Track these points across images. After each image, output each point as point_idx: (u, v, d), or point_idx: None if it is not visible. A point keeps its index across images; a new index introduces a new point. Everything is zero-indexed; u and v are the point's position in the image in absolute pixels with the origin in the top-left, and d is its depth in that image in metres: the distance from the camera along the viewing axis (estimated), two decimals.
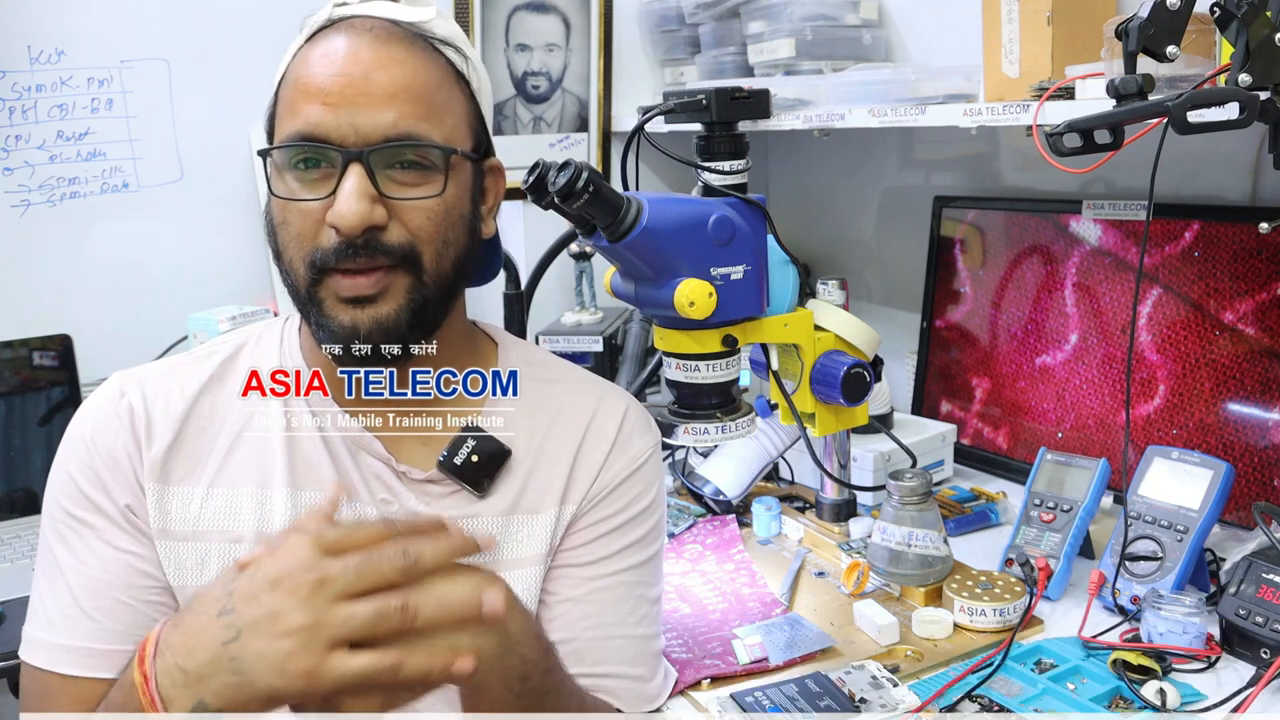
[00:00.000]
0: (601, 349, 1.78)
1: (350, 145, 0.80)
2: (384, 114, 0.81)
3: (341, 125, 0.80)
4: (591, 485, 0.93)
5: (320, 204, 0.81)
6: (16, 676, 0.86)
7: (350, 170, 0.80)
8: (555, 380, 0.97)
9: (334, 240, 0.81)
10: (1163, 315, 1.44)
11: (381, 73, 0.81)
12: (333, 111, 0.80)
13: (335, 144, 0.80)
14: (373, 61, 0.81)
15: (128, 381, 0.90)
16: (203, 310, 1.63)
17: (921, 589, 1.23)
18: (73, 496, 0.86)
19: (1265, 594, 1.05)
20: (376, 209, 0.80)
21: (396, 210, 0.82)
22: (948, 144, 1.83)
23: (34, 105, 1.66)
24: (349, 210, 0.79)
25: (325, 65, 0.81)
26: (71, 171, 1.70)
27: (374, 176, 0.81)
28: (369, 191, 0.80)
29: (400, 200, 0.82)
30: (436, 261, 0.84)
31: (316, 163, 0.82)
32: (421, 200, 0.83)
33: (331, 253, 0.81)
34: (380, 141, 0.81)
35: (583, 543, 0.93)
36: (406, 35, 0.84)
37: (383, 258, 0.81)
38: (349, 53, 0.81)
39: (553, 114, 2.05)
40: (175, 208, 1.78)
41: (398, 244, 0.82)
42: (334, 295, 0.82)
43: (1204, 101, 0.89)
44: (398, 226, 0.82)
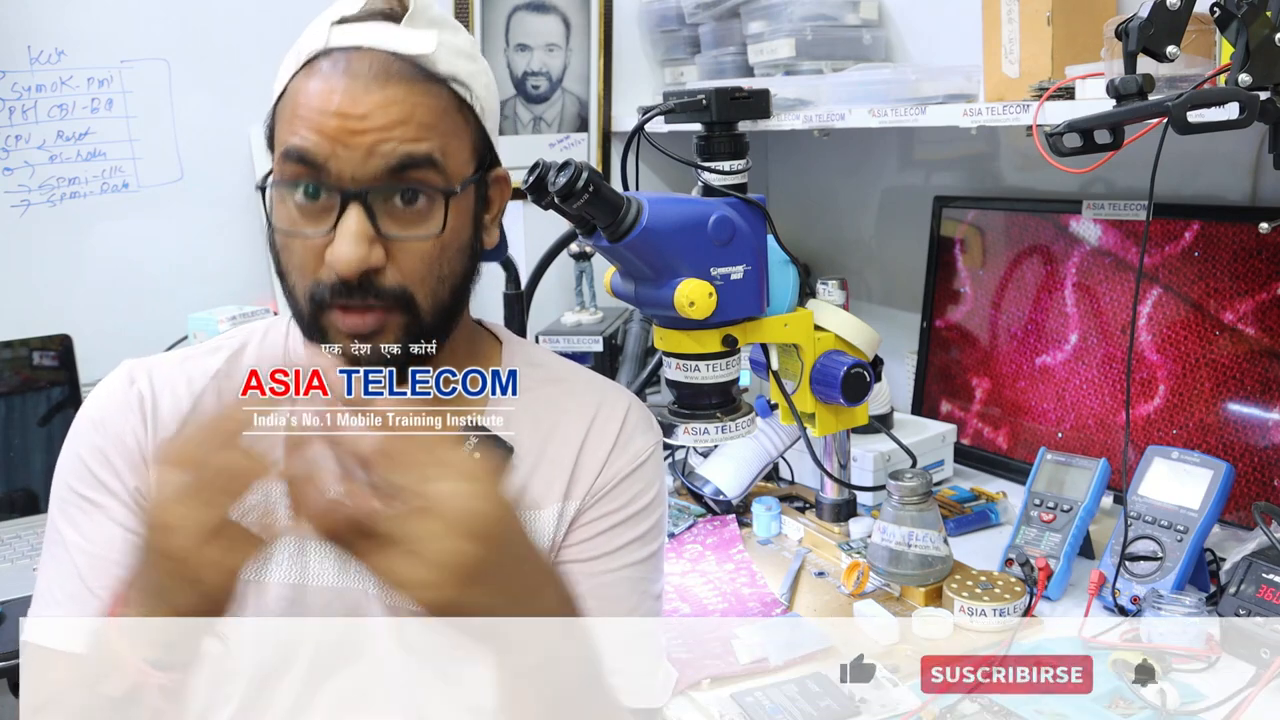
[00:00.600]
0: (601, 349, 1.78)
1: (348, 184, 0.81)
2: (382, 152, 0.81)
3: (339, 164, 0.80)
4: (594, 481, 0.94)
5: (321, 239, 0.82)
6: (16, 676, 0.86)
7: (349, 210, 0.80)
8: (558, 380, 0.98)
9: (332, 278, 0.82)
10: (1163, 315, 1.44)
11: (380, 113, 0.81)
12: (330, 148, 0.80)
13: (333, 181, 0.81)
14: (371, 103, 0.81)
15: (136, 370, 0.91)
16: (203, 310, 1.63)
17: (921, 589, 1.23)
18: (81, 477, 0.87)
19: (1265, 594, 1.05)
20: (375, 251, 0.81)
21: (394, 251, 0.83)
22: (948, 144, 1.83)
23: (34, 105, 1.66)
24: (347, 254, 0.80)
25: (322, 102, 0.81)
26: (71, 171, 1.70)
27: (373, 215, 0.81)
28: (368, 233, 0.81)
29: (398, 239, 0.83)
30: (432, 299, 0.86)
31: (316, 192, 0.82)
32: (419, 242, 0.83)
33: (328, 289, 0.82)
34: (379, 180, 0.81)
35: (585, 538, 0.94)
36: (407, 73, 0.84)
37: (375, 300, 0.83)
38: (347, 92, 0.81)
39: (553, 114, 2.05)
40: (175, 208, 1.78)
41: (390, 288, 0.83)
42: (335, 327, 0.84)
43: (1204, 101, 0.89)
44: (393, 269, 0.83)
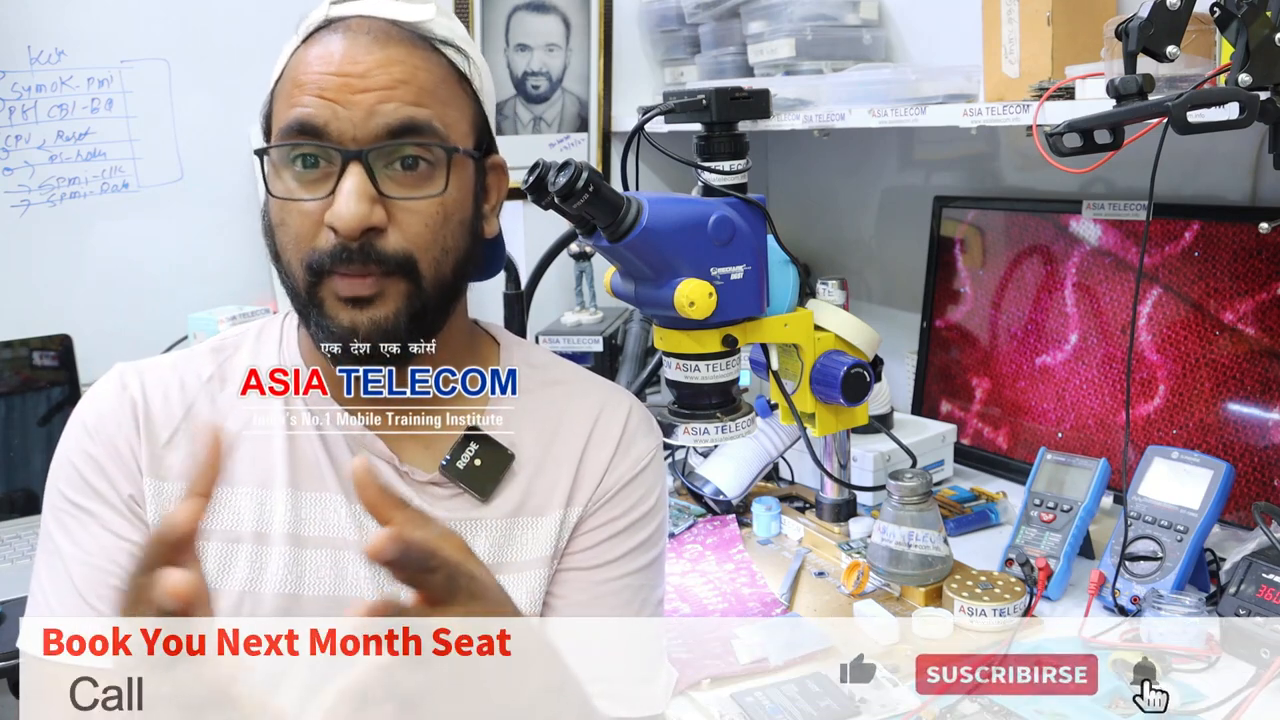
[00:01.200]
0: (601, 349, 1.78)
1: (349, 144, 0.80)
2: (383, 112, 0.80)
3: (340, 124, 0.79)
4: (597, 488, 0.93)
5: (319, 204, 0.80)
6: (16, 676, 0.85)
7: (350, 169, 0.79)
8: (558, 382, 0.97)
9: (331, 242, 0.80)
10: (1163, 315, 1.43)
11: (380, 72, 0.80)
12: (330, 109, 0.79)
13: (334, 143, 0.80)
14: (371, 61, 0.81)
15: (129, 374, 0.89)
16: (203, 310, 1.62)
17: (921, 589, 1.23)
18: (74, 484, 0.86)
19: (1265, 594, 1.05)
20: (376, 210, 0.80)
21: (395, 213, 0.81)
22: (948, 144, 1.83)
23: (34, 105, 1.66)
24: (347, 211, 0.78)
25: (323, 65, 0.80)
26: (71, 171, 1.70)
27: (374, 176, 0.80)
28: (369, 192, 0.79)
29: (400, 200, 0.81)
30: (435, 269, 0.84)
31: (315, 161, 0.81)
32: (422, 201, 0.82)
33: (328, 255, 0.80)
34: (380, 139, 0.80)
35: (588, 546, 0.93)
36: (406, 35, 0.83)
37: (376, 265, 0.81)
38: (346, 53, 0.81)
39: (553, 114, 2.05)
40: (175, 208, 1.78)
41: (393, 252, 0.81)
42: (333, 295, 0.82)
43: (1204, 101, 0.89)
44: (395, 232, 0.81)
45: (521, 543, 0.91)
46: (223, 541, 0.86)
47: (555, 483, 0.92)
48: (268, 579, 0.86)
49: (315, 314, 0.83)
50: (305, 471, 0.88)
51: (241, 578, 0.86)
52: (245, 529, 0.87)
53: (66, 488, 0.86)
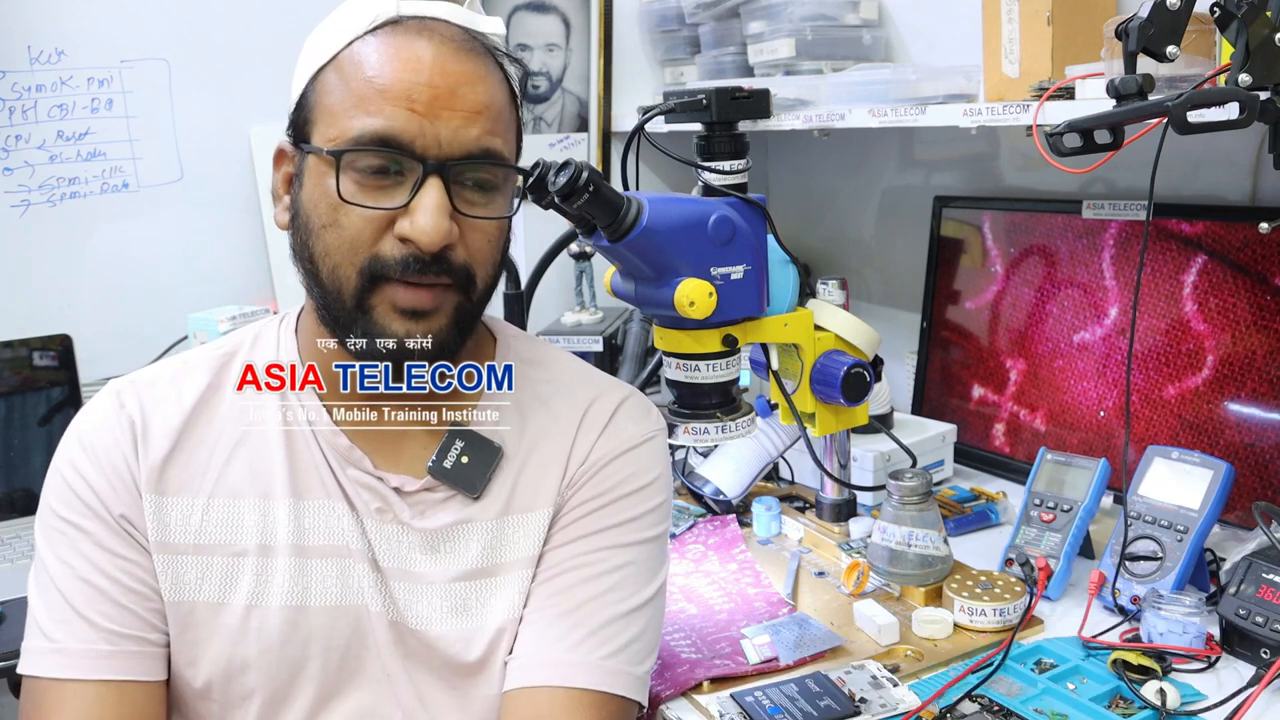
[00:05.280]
0: (601, 349, 1.78)
1: (432, 157, 0.79)
2: (469, 130, 0.80)
3: (426, 136, 0.79)
4: (580, 467, 0.91)
5: (386, 212, 0.80)
6: (16, 676, 0.85)
7: (430, 183, 0.79)
8: (552, 380, 0.96)
9: (401, 252, 0.80)
10: (1163, 316, 1.43)
11: (468, 90, 0.80)
12: (419, 124, 0.79)
13: (418, 154, 0.79)
14: (459, 75, 0.80)
15: (125, 392, 0.89)
16: (203, 310, 1.62)
17: (921, 589, 1.23)
18: (68, 502, 0.85)
19: (1265, 594, 1.05)
20: (452, 226, 0.81)
21: (464, 229, 0.82)
22: (948, 144, 1.83)
23: (34, 105, 1.66)
24: (431, 226, 0.79)
25: (410, 71, 0.79)
26: (71, 171, 1.70)
27: (450, 192, 0.80)
28: (447, 207, 0.80)
29: (471, 219, 0.82)
30: (485, 285, 0.86)
31: (387, 170, 0.80)
32: (490, 220, 0.83)
33: (397, 264, 0.80)
34: (463, 156, 0.80)
35: (569, 522, 0.90)
36: (482, 49, 0.84)
37: (446, 276, 0.82)
38: (435, 61, 0.80)
39: (553, 114, 2.05)
40: (175, 208, 1.78)
41: (460, 264, 0.82)
42: (389, 304, 0.81)
43: (1204, 101, 0.89)
44: (461, 248, 0.82)
45: (513, 541, 0.90)
46: (226, 555, 0.86)
47: (544, 476, 0.91)
48: (273, 591, 0.86)
49: (362, 320, 0.82)
50: (306, 482, 0.88)
51: (247, 591, 0.86)
52: (249, 542, 0.86)
53: (60, 506, 0.86)
